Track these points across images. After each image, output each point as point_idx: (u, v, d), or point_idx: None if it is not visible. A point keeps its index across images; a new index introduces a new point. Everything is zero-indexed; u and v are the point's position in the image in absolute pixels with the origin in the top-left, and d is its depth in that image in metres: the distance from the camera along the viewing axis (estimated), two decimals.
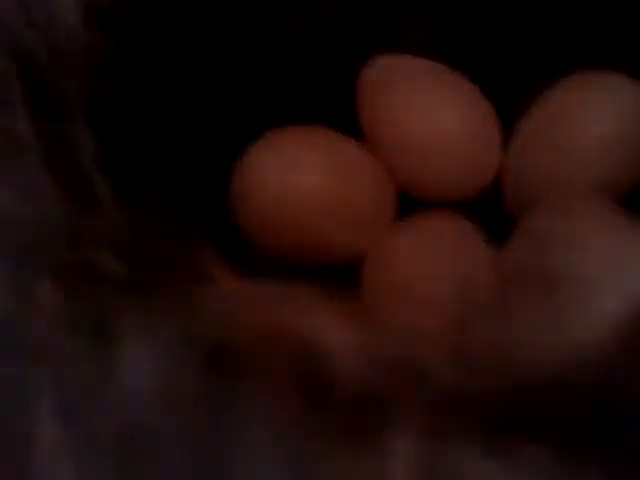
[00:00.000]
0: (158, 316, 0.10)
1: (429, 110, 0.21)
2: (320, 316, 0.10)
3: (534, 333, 0.10)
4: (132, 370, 0.10)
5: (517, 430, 0.10)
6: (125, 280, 0.11)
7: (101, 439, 0.09)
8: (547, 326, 0.10)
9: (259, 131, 0.20)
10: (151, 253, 0.11)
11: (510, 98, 0.21)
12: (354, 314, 0.10)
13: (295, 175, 0.20)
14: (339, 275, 0.20)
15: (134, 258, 0.11)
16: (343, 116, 0.21)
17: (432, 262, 0.19)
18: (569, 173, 0.20)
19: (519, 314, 0.10)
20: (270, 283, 0.11)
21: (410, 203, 0.22)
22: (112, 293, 0.10)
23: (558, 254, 0.11)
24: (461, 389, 0.10)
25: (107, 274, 0.11)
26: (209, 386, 0.10)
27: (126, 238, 0.11)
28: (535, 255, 0.11)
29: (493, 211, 0.22)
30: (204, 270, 0.11)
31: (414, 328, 0.10)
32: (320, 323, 0.10)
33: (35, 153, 0.12)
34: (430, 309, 0.10)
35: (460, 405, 0.10)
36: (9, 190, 0.11)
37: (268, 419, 0.09)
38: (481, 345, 0.10)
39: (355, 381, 0.10)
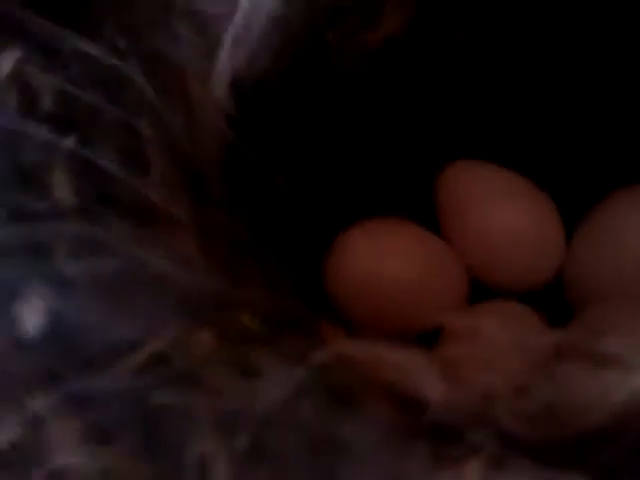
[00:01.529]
0: (289, 361, 0.13)
1: (500, 210, 0.24)
2: (415, 367, 0.13)
3: (583, 397, 0.13)
4: (267, 397, 0.13)
5: (563, 465, 0.12)
6: (264, 336, 0.14)
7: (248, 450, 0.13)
8: (594, 392, 0.13)
9: (353, 220, 0.24)
10: (284, 318, 0.14)
11: (573, 202, 0.25)
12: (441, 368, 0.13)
13: (382, 261, 0.23)
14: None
15: (270, 321, 0.14)
16: (423, 211, 0.25)
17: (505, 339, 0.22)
18: (622, 276, 0.23)
19: (571, 382, 0.13)
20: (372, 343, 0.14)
21: (479, 291, 0.25)
22: (254, 343, 0.14)
23: (609, 339, 0.14)
24: (523, 435, 0.13)
25: (249, 330, 0.14)
26: (328, 411, 0.13)
27: (265, 305, 0.14)
28: (588, 338, 0.14)
29: (555, 302, 0.25)
30: (322, 332, 0.14)
31: (490, 387, 0.13)
32: (415, 372, 0.13)
33: (189, 233, 0.16)
34: (503, 377, 0.14)
35: (521, 445, 0.13)
36: (170, 260, 0.15)
37: (373, 436, 0.12)
38: (540, 404, 0.13)
39: (440, 414, 0.13)
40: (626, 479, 0.12)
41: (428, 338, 0.23)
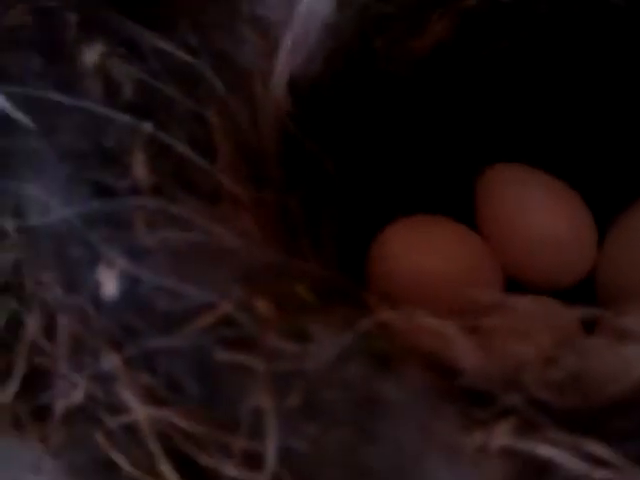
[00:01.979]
0: (337, 328, 0.15)
1: (536, 211, 0.26)
2: (451, 336, 0.15)
3: (606, 370, 0.14)
4: (316, 359, 0.14)
5: (588, 432, 0.14)
6: (316, 305, 0.15)
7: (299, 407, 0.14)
8: (616, 365, 0.15)
9: (395, 216, 0.25)
10: (334, 289, 0.16)
11: (606, 204, 0.26)
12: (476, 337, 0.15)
13: (420, 257, 0.25)
14: None
15: (321, 292, 0.16)
16: (464, 211, 0.26)
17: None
18: None
19: (595, 355, 0.15)
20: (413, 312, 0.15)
21: (513, 290, 0.26)
22: (307, 311, 0.15)
23: (631, 316, 0.15)
24: (550, 402, 0.14)
25: (303, 299, 0.16)
26: (370, 373, 0.14)
27: (317, 277, 0.16)
28: (613, 314, 0.15)
29: (586, 302, 0.26)
30: (368, 301, 0.16)
31: (522, 357, 0.15)
32: (451, 340, 0.14)
33: (250, 211, 0.17)
34: (534, 348, 0.15)
35: (548, 411, 0.14)
36: (234, 234, 0.17)
37: (409, 397, 0.14)
38: (566, 375, 0.14)
39: (473, 379, 0.14)
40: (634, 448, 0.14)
41: None
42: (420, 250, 0.25)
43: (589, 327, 0.24)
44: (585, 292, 0.26)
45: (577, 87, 0.26)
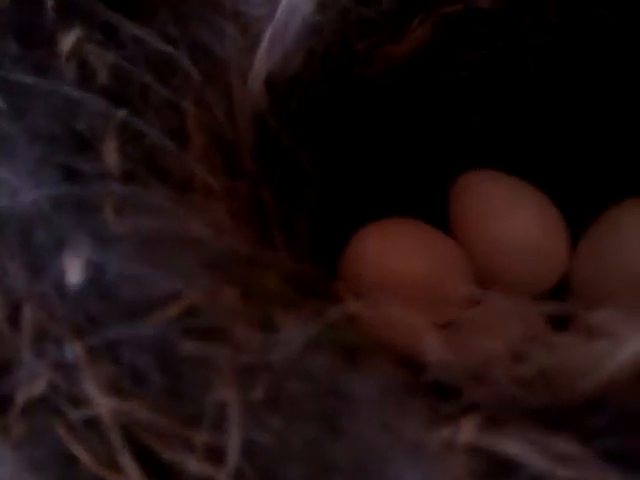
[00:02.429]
0: (306, 317, 0.15)
1: (509, 217, 0.26)
2: (418, 328, 0.14)
3: (575, 366, 0.14)
4: (284, 347, 0.14)
5: (555, 429, 0.14)
6: (284, 295, 0.15)
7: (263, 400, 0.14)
8: (586, 361, 0.14)
9: (368, 218, 0.25)
10: (304, 280, 0.16)
11: (580, 211, 0.26)
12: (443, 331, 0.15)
13: (391, 259, 0.25)
14: None
15: (291, 282, 0.16)
16: (437, 215, 0.26)
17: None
18: (624, 285, 0.24)
19: (565, 351, 0.15)
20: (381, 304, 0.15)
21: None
22: (275, 301, 0.15)
23: (600, 312, 0.15)
24: (519, 398, 0.14)
25: (271, 289, 0.15)
26: (336, 366, 0.14)
27: (287, 267, 0.16)
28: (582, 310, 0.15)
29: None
30: (337, 293, 0.15)
31: (490, 352, 0.14)
32: (418, 332, 0.14)
33: (222, 201, 0.17)
34: (502, 343, 0.15)
35: (515, 407, 0.14)
36: (204, 224, 0.16)
37: (375, 391, 0.14)
38: (535, 371, 0.14)
39: (440, 373, 0.14)
40: (609, 443, 0.13)
41: None
42: (393, 253, 0.25)
43: (561, 326, 0.24)
44: (559, 297, 0.26)
45: (553, 94, 0.26)
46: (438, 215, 0.26)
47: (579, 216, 0.26)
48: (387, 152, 0.26)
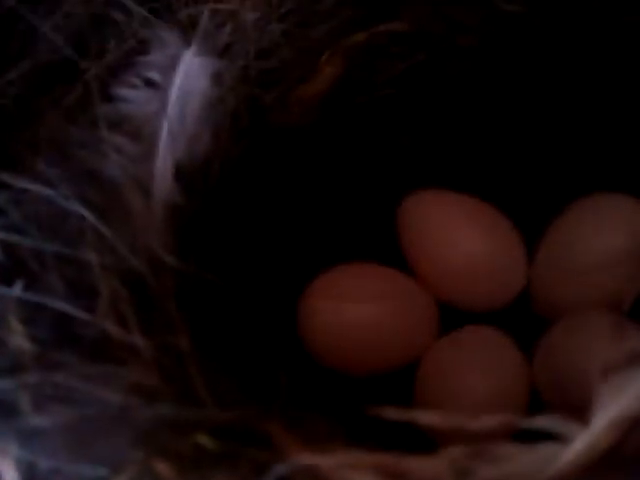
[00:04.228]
0: (246, 475, 0.14)
1: (461, 236, 0.25)
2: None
3: (522, 472, 0.14)
4: None
5: None
6: (220, 453, 0.15)
7: None
8: (531, 466, 0.14)
9: (320, 268, 0.25)
10: (236, 432, 0.15)
11: (533, 217, 0.25)
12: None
13: (346, 307, 0.24)
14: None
15: (225, 436, 0.15)
16: (390, 250, 0.25)
17: (470, 374, 0.23)
18: (585, 284, 0.24)
19: (510, 460, 0.14)
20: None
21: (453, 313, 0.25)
22: (210, 463, 0.15)
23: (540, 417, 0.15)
24: None
25: (205, 450, 0.15)
26: None
27: (218, 421, 0.15)
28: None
29: (525, 314, 0.25)
30: (277, 442, 0.15)
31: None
32: None
33: (144, 359, 0.17)
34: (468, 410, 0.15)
35: None
36: (128, 393, 0.16)
37: None
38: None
39: None
40: None
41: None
42: (343, 300, 0.24)
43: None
44: (521, 308, 0.25)
45: (481, 102, 0.25)
46: (392, 250, 0.25)
47: (533, 224, 0.25)
48: (327, 194, 0.26)
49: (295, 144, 0.24)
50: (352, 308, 0.24)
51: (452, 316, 0.25)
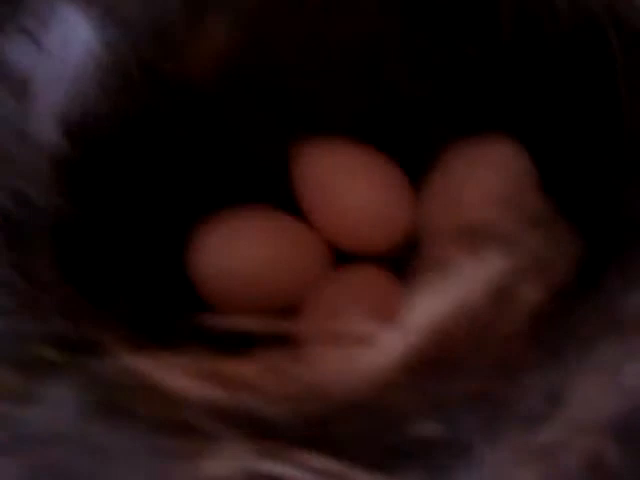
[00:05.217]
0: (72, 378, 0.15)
1: (348, 181, 0.26)
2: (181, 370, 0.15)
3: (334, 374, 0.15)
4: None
5: (312, 445, 0.14)
6: (61, 362, 0.16)
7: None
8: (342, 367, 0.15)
9: (211, 210, 0.26)
10: (80, 342, 0.16)
11: (417, 159, 0.26)
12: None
13: (236, 247, 0.25)
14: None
15: (65, 346, 0.16)
16: (284, 193, 0.26)
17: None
18: (462, 221, 0.25)
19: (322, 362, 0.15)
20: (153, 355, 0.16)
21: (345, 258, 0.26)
22: (48, 369, 0.16)
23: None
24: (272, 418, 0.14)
25: (48, 360, 0.16)
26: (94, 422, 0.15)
27: (61, 334, 0.16)
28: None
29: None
30: (110, 347, 0.16)
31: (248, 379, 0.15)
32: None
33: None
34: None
35: (274, 428, 0.14)
36: None
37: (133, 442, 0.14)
38: (298, 387, 0.15)
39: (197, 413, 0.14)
40: (359, 452, 0.14)
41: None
42: (233, 241, 0.25)
43: None
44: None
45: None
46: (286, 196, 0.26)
47: (418, 164, 0.26)
48: (223, 138, 0.26)
49: (193, 94, 0.25)
50: (242, 245, 0.25)
51: (347, 258, 0.26)
